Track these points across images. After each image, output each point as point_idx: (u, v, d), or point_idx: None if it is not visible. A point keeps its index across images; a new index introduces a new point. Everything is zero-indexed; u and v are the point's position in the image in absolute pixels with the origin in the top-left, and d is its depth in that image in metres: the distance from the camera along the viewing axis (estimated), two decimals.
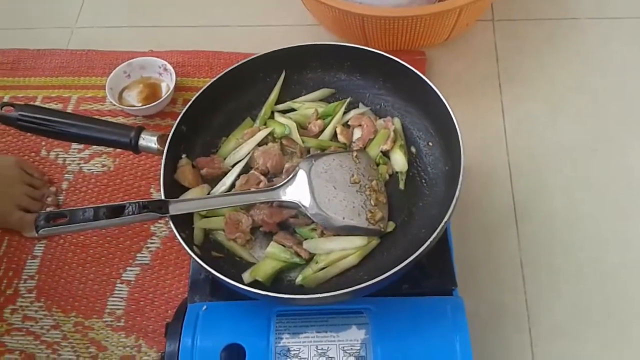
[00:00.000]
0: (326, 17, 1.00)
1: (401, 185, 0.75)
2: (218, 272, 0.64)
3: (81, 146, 0.98)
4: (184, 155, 0.76)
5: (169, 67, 1.01)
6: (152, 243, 0.88)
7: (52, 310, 0.84)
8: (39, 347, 0.81)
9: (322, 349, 0.67)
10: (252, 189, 0.73)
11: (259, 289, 0.65)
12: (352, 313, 0.69)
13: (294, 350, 0.67)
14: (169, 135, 0.74)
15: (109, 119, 1.00)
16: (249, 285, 0.66)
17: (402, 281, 0.71)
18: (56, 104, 1.03)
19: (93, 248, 0.88)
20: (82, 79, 1.06)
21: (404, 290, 0.71)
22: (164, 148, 0.73)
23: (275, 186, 0.71)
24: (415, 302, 0.70)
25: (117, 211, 0.66)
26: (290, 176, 0.71)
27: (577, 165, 0.91)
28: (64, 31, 1.15)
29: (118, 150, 0.97)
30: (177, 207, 0.68)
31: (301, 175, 0.71)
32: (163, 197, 0.69)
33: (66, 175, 0.95)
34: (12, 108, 0.76)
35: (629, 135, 0.93)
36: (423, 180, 0.75)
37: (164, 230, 0.89)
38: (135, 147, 0.75)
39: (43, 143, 0.99)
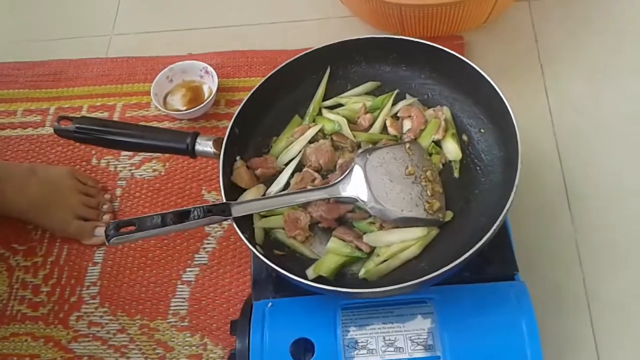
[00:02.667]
0: (362, 8, 1.00)
1: (456, 174, 0.75)
2: (282, 269, 0.66)
3: (131, 152, 1.00)
4: (238, 157, 0.77)
5: (210, 69, 1.02)
6: (208, 243, 0.90)
7: (117, 314, 0.86)
8: (107, 352, 0.84)
9: (389, 339, 0.68)
10: (309, 187, 0.74)
11: (323, 284, 0.67)
12: (417, 303, 0.70)
13: (362, 342, 0.68)
14: (224, 138, 0.75)
15: (155, 124, 1.02)
16: (313, 280, 0.68)
17: (464, 269, 0.72)
18: (102, 112, 1.05)
19: (152, 251, 0.90)
20: (124, 86, 1.08)
21: (466, 278, 0.72)
22: (220, 151, 0.75)
23: (332, 183, 0.72)
24: (478, 288, 0.71)
25: (183, 216, 0.68)
26: (347, 172, 0.72)
27: (625, 140, 0.91)
28: (101, 39, 1.16)
29: (167, 154, 0.99)
30: (239, 209, 0.69)
31: (357, 170, 0.72)
32: (224, 200, 0.71)
33: (119, 182, 0.97)
34: (69, 121, 0.78)
35: None
36: (478, 168, 0.75)
37: (218, 231, 0.91)
38: (192, 152, 0.77)
39: (93, 152, 1.01)
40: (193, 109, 0.98)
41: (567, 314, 0.80)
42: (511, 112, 0.70)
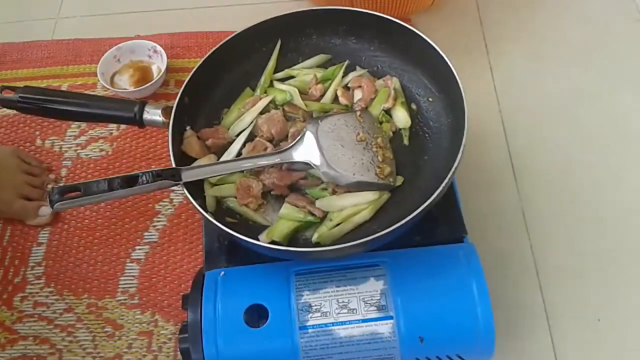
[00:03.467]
0: None
1: (405, 141, 0.76)
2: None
3: (77, 132, 0.97)
4: (188, 127, 0.76)
5: (159, 48, 1.01)
6: (158, 221, 0.88)
7: (63, 294, 0.83)
8: (53, 331, 0.81)
9: (342, 302, 0.68)
10: (264, 153, 0.74)
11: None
12: (369, 267, 0.70)
13: (316, 305, 0.68)
14: (173, 107, 0.74)
15: None
16: None
17: (414, 233, 0.73)
18: None
19: (99, 230, 0.88)
20: (70, 68, 1.05)
21: (417, 242, 0.73)
22: (169, 120, 0.74)
23: (284, 148, 0.72)
24: (428, 251, 0.72)
25: (131, 181, 0.66)
26: (298, 138, 0.72)
27: (568, 115, 0.94)
28: (47, 23, 1.14)
29: (114, 134, 0.97)
30: (190, 174, 0.68)
31: (309, 136, 0.72)
32: (174, 166, 0.70)
33: (64, 162, 0.95)
34: (12, 91, 0.76)
35: (615, 82, 0.96)
36: (426, 135, 0.76)
37: (169, 208, 0.89)
38: (140, 121, 0.75)
39: (37, 133, 0.98)
40: (141, 87, 0.97)
41: (516, 281, 0.82)
42: (457, 78, 0.72)
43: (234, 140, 0.77)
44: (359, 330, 0.67)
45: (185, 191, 0.68)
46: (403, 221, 0.63)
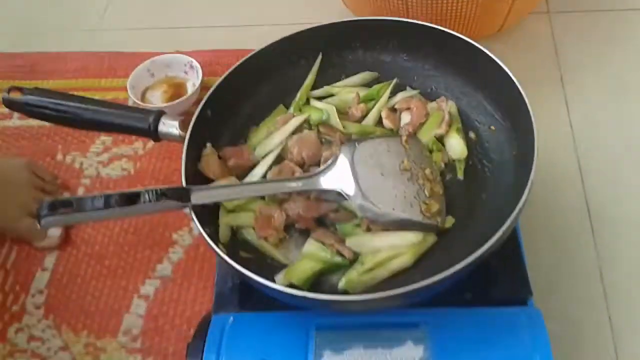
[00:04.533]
0: (365, 8, 0.91)
1: (460, 175, 0.64)
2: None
3: (100, 149, 0.90)
4: (208, 144, 0.67)
5: (195, 63, 0.93)
6: (174, 253, 0.78)
7: (62, 329, 0.74)
8: None
9: None
10: (286, 177, 0.63)
11: None
12: (407, 326, 0.57)
13: None
14: (192, 119, 0.65)
15: None
16: None
17: (465, 289, 0.60)
18: None
19: (109, 259, 0.79)
20: (103, 81, 0.99)
21: (469, 300, 0.59)
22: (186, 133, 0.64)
23: (312, 173, 0.61)
24: (483, 313, 0.58)
25: (131, 199, 0.56)
26: (330, 162, 0.61)
27: None
28: (86, 34, 1.08)
29: (139, 153, 0.89)
30: (200, 196, 0.58)
31: (342, 160, 0.61)
32: (184, 184, 0.60)
33: (83, 180, 0.87)
34: (19, 92, 0.68)
35: None
36: (486, 169, 0.64)
37: (187, 238, 0.79)
38: (154, 133, 0.66)
39: (59, 146, 0.91)
40: (170, 104, 0.88)
41: (589, 356, 0.67)
42: (528, 103, 0.60)
43: (260, 162, 0.67)
44: None
45: (193, 215, 0.57)
46: (451, 270, 0.50)
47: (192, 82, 0.94)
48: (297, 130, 0.68)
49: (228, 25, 1.06)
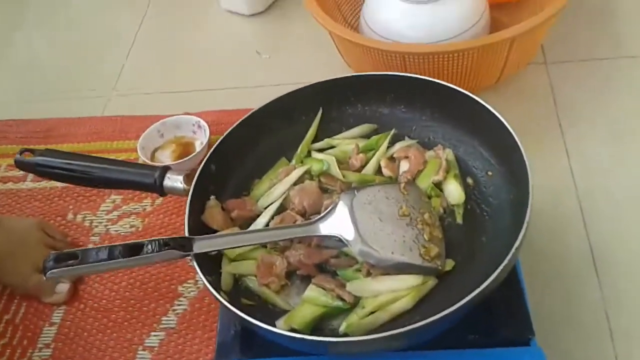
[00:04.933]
0: (364, 64, 0.94)
1: (459, 220, 0.65)
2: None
3: (110, 207, 0.92)
4: (212, 197, 0.69)
5: (203, 123, 0.96)
6: (179, 305, 0.79)
7: None
8: None
9: None
10: (287, 225, 0.64)
11: None
12: None
13: None
14: (196, 173, 0.67)
15: None
16: None
17: (468, 330, 0.60)
18: None
19: (115, 312, 0.79)
20: (115, 143, 1.02)
21: (472, 341, 0.59)
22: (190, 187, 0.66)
23: (312, 220, 0.62)
24: (485, 354, 0.58)
25: (134, 249, 0.58)
26: (329, 209, 0.63)
27: None
28: (100, 100, 1.13)
29: (147, 210, 0.91)
30: (202, 245, 0.59)
31: (341, 207, 0.62)
32: (186, 235, 0.61)
33: (92, 237, 0.89)
34: (31, 153, 0.71)
35: None
36: (484, 213, 0.65)
37: (192, 291, 0.80)
38: (160, 188, 0.69)
39: (70, 207, 0.93)
40: (178, 161, 0.91)
41: None
42: (520, 146, 0.61)
43: (262, 212, 0.69)
44: None
45: (195, 264, 0.59)
46: (450, 310, 0.51)
47: (200, 141, 0.97)
48: (299, 181, 0.70)
49: (234, 87, 1.10)
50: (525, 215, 0.56)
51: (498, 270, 0.52)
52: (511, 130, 0.63)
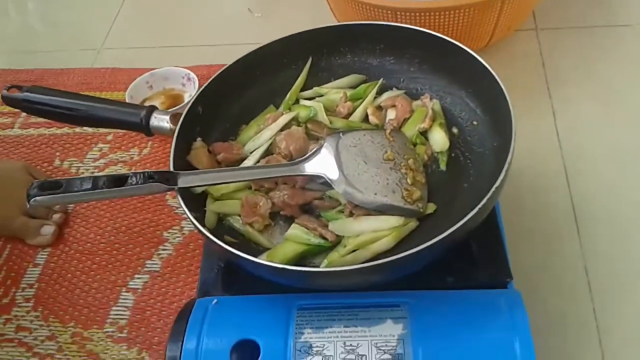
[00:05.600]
0: (357, 19, 0.94)
1: (442, 166, 0.66)
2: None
3: (97, 155, 0.92)
4: (199, 139, 0.69)
5: (193, 75, 0.96)
6: (164, 249, 0.79)
7: (49, 320, 0.74)
8: (31, 359, 0.71)
9: (350, 345, 0.55)
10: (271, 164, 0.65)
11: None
12: (387, 307, 0.58)
13: (317, 346, 0.56)
14: (183, 113, 0.67)
15: None
16: None
17: (447, 273, 0.60)
18: None
19: (100, 255, 0.80)
20: (103, 94, 1.02)
21: (450, 284, 0.60)
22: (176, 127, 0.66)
23: (297, 160, 0.63)
24: (463, 295, 0.59)
25: (118, 181, 0.58)
26: (314, 149, 0.63)
27: (638, 164, 0.80)
28: (89, 53, 1.12)
29: (135, 158, 0.91)
30: (187, 180, 0.60)
31: (327, 148, 0.63)
32: (171, 169, 0.61)
33: None
34: (18, 90, 0.71)
35: None
36: (468, 161, 0.66)
37: (177, 237, 0.80)
38: (146, 128, 0.69)
39: (57, 153, 0.93)
40: (168, 111, 0.91)
41: (573, 348, 0.67)
42: (507, 94, 0.62)
43: (248, 156, 0.69)
44: None
45: (180, 199, 0.59)
46: (430, 242, 0.51)
47: (189, 93, 0.97)
48: (286, 127, 0.70)
49: (225, 44, 1.10)
50: (507, 158, 0.56)
51: (478, 208, 0.53)
52: (498, 80, 0.63)
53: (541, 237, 0.76)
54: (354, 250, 0.58)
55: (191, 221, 0.58)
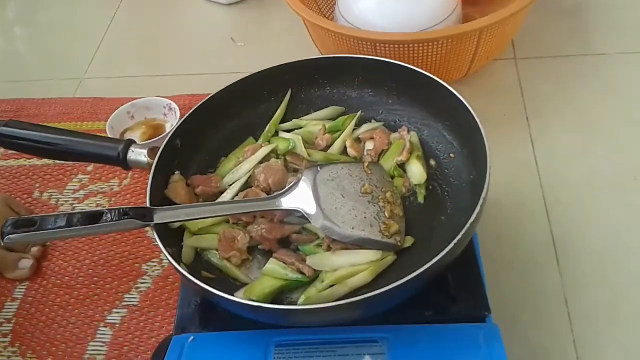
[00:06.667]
0: (339, 51, 0.95)
1: (420, 199, 0.66)
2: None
3: (77, 186, 0.91)
4: (177, 172, 0.69)
5: (174, 105, 0.96)
6: (142, 283, 0.78)
7: (27, 355, 0.73)
8: None
9: None
10: (248, 198, 0.64)
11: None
12: (365, 342, 0.57)
13: None
14: (160, 148, 0.67)
15: None
16: None
17: (425, 307, 0.60)
18: None
19: (78, 289, 0.79)
20: (84, 124, 1.02)
21: (428, 318, 0.60)
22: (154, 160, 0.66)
23: (275, 194, 0.63)
24: (441, 330, 0.58)
25: (93, 218, 0.58)
26: (292, 184, 0.63)
27: (618, 194, 0.81)
28: (71, 82, 1.12)
29: (114, 189, 0.90)
30: (162, 215, 0.59)
31: (304, 182, 0.63)
32: (148, 205, 0.61)
33: None
34: None
35: None
36: (445, 193, 0.66)
37: (156, 269, 0.80)
38: (123, 162, 0.68)
39: (37, 185, 0.93)
40: (148, 141, 0.91)
41: None
42: (480, 127, 0.62)
43: (227, 189, 0.69)
44: None
45: (155, 235, 0.59)
46: (407, 277, 0.51)
47: (171, 123, 0.97)
48: (265, 159, 0.70)
49: (208, 73, 1.10)
50: (482, 193, 0.56)
51: (453, 242, 0.53)
52: (473, 113, 0.64)
53: (520, 267, 0.76)
54: (331, 285, 0.58)
55: (167, 258, 0.58)
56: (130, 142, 0.69)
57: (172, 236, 0.63)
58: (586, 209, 0.80)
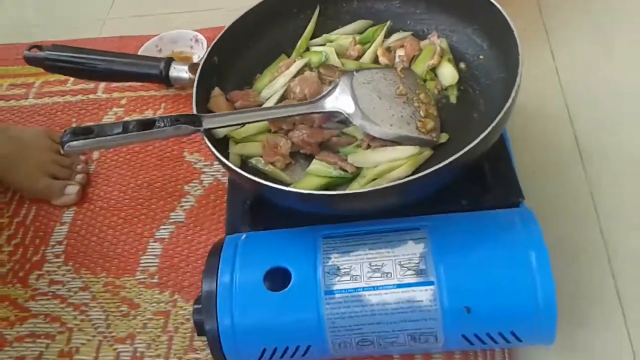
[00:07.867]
0: None
1: (453, 99, 0.69)
2: None
3: (113, 118, 0.95)
4: (216, 87, 0.72)
5: (201, 37, 0.98)
6: (186, 202, 0.82)
7: (81, 272, 0.78)
8: (66, 310, 0.75)
9: (375, 265, 0.59)
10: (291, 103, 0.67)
11: None
12: (408, 230, 0.61)
13: (345, 268, 0.59)
14: (200, 63, 0.70)
15: (141, 92, 0.97)
16: None
17: (461, 196, 0.64)
18: (87, 85, 1.00)
19: (125, 211, 0.83)
20: None
21: (464, 207, 0.63)
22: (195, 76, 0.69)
23: (315, 98, 0.66)
24: (478, 216, 0.62)
25: (147, 125, 0.61)
26: (331, 88, 0.66)
27: (637, 99, 0.84)
28: (96, 23, 1.14)
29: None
30: (211, 121, 0.63)
31: (342, 85, 0.65)
32: (195, 112, 0.64)
33: None
34: (39, 49, 0.74)
35: None
36: (477, 92, 0.69)
37: (198, 189, 0.83)
38: (166, 79, 0.72)
39: (74, 119, 0.96)
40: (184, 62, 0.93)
41: (583, 266, 0.70)
42: (512, 25, 0.64)
43: (265, 103, 0.72)
44: (394, 297, 0.57)
45: (206, 139, 0.62)
46: (443, 163, 0.54)
47: (198, 55, 0.99)
48: (299, 73, 0.73)
49: (233, 8, 1.11)
50: (516, 79, 0.59)
51: (490, 128, 0.56)
52: (503, 12, 0.66)
53: (548, 168, 0.79)
54: (373, 180, 0.61)
55: (219, 160, 0.61)
56: (171, 60, 0.71)
57: (219, 145, 0.66)
58: (607, 112, 0.83)
